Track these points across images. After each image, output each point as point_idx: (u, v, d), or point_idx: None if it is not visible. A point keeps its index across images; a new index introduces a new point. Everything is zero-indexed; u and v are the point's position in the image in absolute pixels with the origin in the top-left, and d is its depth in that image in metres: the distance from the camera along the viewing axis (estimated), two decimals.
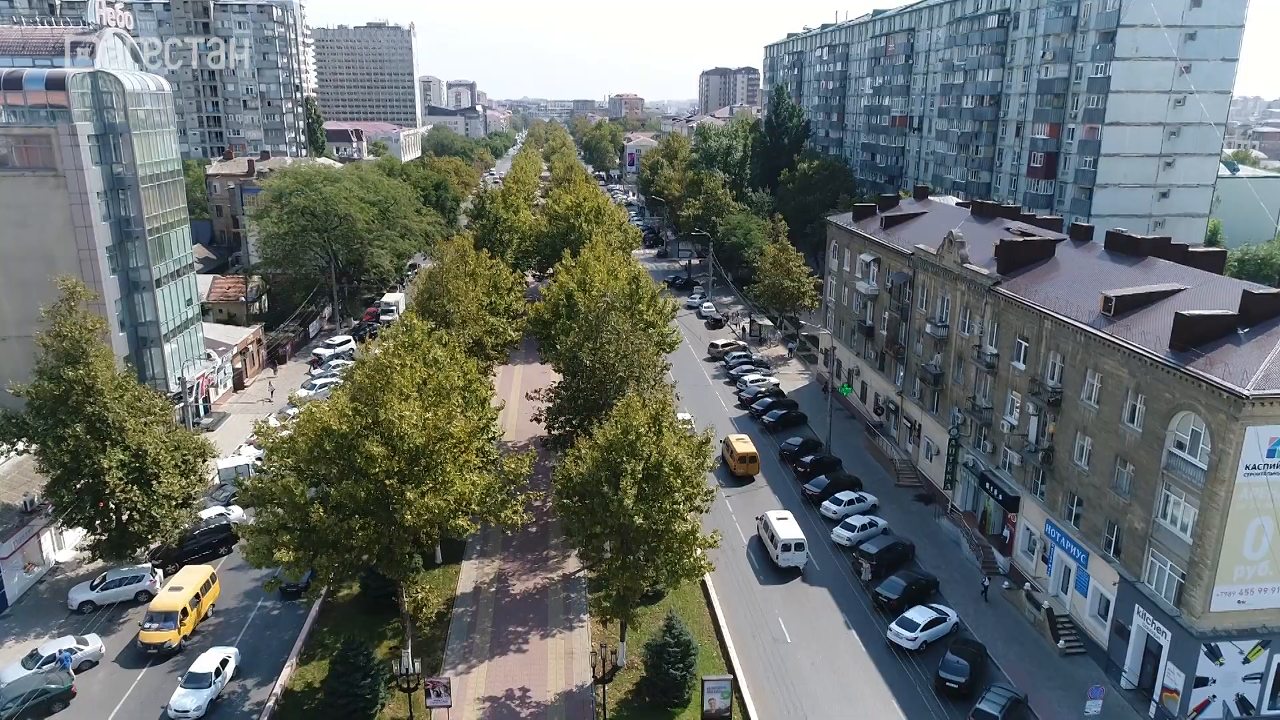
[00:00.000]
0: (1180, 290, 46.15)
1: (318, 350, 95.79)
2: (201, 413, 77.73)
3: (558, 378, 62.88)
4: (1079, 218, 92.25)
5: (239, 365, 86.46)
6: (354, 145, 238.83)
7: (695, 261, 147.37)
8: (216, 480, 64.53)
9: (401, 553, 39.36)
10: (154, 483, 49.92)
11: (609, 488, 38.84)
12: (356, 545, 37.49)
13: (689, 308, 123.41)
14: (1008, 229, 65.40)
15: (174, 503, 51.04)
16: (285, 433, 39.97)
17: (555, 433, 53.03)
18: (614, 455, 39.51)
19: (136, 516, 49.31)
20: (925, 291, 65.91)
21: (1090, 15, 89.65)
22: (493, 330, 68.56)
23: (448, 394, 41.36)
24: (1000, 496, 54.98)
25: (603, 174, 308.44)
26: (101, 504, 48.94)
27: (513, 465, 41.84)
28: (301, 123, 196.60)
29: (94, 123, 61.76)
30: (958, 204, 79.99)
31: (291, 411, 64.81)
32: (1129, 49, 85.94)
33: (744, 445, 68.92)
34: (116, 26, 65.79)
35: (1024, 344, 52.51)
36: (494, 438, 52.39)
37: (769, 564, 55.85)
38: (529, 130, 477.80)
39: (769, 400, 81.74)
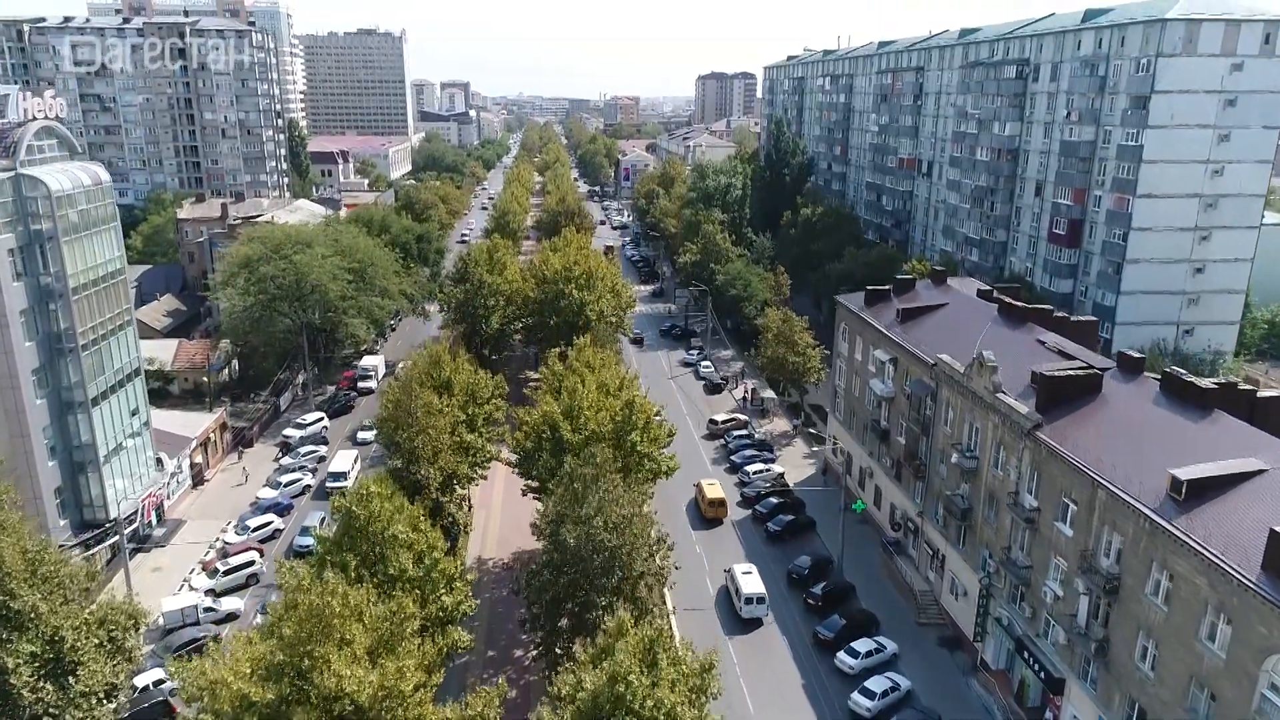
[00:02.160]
0: (1261, 471, 39.60)
1: (287, 432, 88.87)
2: (155, 523, 70.95)
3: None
4: (1106, 292, 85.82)
5: (199, 459, 79.58)
6: (340, 167, 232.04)
7: (694, 308, 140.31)
8: (161, 621, 57.87)
9: None
10: (71, 677, 43.20)
11: None
12: None
13: (685, 364, 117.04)
14: (1041, 341, 58.88)
15: (95, 699, 44.25)
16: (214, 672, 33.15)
17: (535, 610, 46.30)
18: (598, 709, 32.84)
19: None
20: (951, 411, 59.22)
21: (1121, 77, 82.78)
22: (468, 450, 61.81)
23: (401, 624, 34.59)
24: (1041, 673, 48.41)
25: (597, 189, 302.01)
26: (9, 703, 42.22)
27: (480, 707, 35.09)
28: (283, 150, 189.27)
29: (16, 234, 54.64)
30: (979, 291, 73.23)
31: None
32: (1164, 116, 79.14)
33: (714, 490, 75.27)
34: (46, 117, 58.62)
35: (1071, 505, 45.87)
36: (468, 614, 45.77)
37: (734, 615, 60.24)
38: (523, 137, 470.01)
39: (774, 502, 75.00)
